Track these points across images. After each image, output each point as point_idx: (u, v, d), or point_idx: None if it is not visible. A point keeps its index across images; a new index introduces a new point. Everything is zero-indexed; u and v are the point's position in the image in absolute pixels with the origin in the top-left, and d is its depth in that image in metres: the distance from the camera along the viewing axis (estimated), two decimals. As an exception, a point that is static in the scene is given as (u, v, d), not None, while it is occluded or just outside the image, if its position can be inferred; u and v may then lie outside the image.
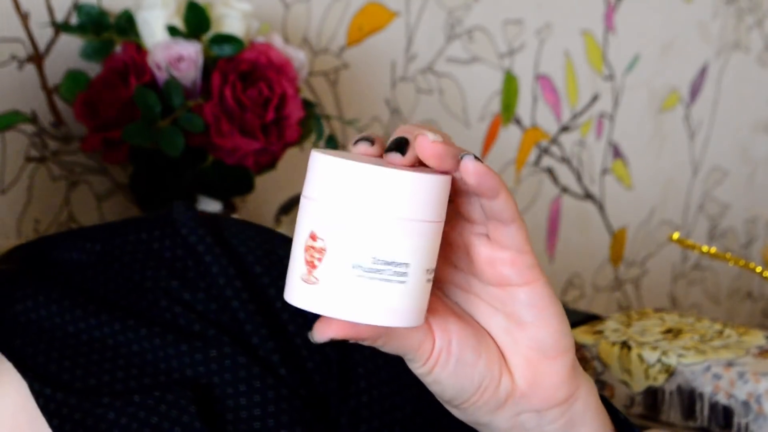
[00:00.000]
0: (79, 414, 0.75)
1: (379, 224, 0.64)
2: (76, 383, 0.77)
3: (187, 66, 1.37)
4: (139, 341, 0.78)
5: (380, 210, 0.64)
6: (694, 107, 2.34)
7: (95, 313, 0.79)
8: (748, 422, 1.20)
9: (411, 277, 0.65)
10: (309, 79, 1.70)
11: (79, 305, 0.80)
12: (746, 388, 1.20)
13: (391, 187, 0.64)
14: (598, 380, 1.29)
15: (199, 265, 0.80)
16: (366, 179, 0.64)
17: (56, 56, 1.45)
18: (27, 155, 1.44)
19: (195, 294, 0.80)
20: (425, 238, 0.65)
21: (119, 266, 0.81)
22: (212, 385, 0.77)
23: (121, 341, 0.79)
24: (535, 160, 2.05)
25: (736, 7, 2.37)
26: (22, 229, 1.45)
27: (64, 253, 0.83)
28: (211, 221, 0.83)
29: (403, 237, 0.64)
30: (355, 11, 1.75)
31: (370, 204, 0.64)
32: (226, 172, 1.42)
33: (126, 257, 0.81)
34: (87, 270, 0.82)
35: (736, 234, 2.51)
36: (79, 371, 0.78)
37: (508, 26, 1.97)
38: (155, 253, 0.81)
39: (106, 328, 0.79)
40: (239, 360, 0.77)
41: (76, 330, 0.79)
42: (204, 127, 1.36)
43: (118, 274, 0.81)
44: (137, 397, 0.76)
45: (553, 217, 2.11)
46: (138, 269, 0.81)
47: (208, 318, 0.79)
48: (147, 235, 0.82)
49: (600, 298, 2.23)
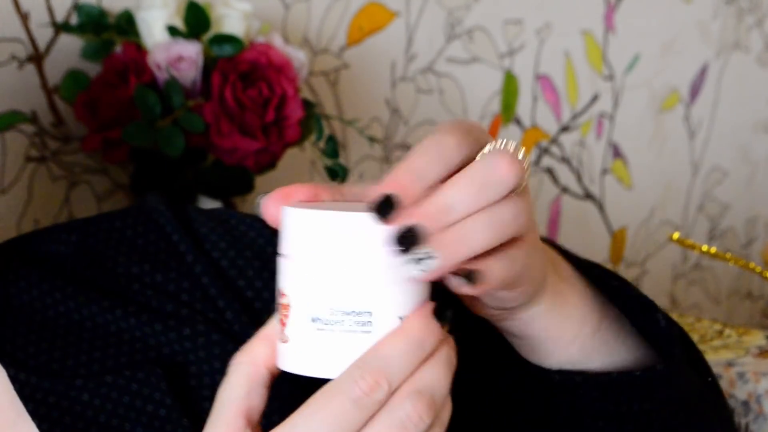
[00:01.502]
0: (53, 397, 0.76)
1: (335, 272, 0.60)
2: (54, 365, 0.78)
3: (187, 66, 1.37)
4: (116, 322, 0.79)
5: (335, 257, 0.60)
6: (694, 107, 2.34)
7: (72, 296, 0.81)
8: (748, 422, 1.20)
9: (377, 325, 0.61)
10: (309, 79, 1.70)
11: (57, 289, 0.81)
12: (746, 388, 1.20)
13: (344, 233, 0.60)
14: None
15: (169, 246, 0.82)
16: (318, 226, 0.60)
17: (56, 56, 1.45)
18: (27, 155, 1.44)
19: (167, 274, 0.81)
20: (391, 283, 0.60)
21: (94, 253, 0.83)
22: (188, 363, 0.78)
23: (99, 322, 0.80)
24: (535, 160, 2.05)
25: (736, 7, 2.37)
26: (22, 229, 1.45)
27: (42, 245, 0.85)
28: (178, 208, 0.85)
29: (361, 284, 0.60)
30: (355, 11, 1.75)
31: (324, 252, 0.60)
32: (226, 172, 1.42)
33: (100, 245, 0.83)
34: (65, 260, 0.83)
35: (736, 234, 2.51)
36: (57, 353, 0.79)
37: (508, 26, 1.97)
38: (128, 240, 0.83)
39: (84, 309, 0.80)
40: (213, 337, 0.78)
41: (56, 313, 0.80)
42: (204, 127, 1.36)
43: (93, 261, 0.83)
44: (109, 378, 0.76)
45: (553, 217, 2.11)
46: (111, 255, 0.82)
47: (180, 298, 0.80)
48: (120, 223, 0.84)
49: (600, 298, 2.23)
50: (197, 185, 1.44)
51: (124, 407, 0.76)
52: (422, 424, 0.62)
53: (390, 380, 0.62)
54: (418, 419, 0.62)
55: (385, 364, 0.62)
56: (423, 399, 0.62)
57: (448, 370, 0.64)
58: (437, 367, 0.63)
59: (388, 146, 1.83)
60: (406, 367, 0.62)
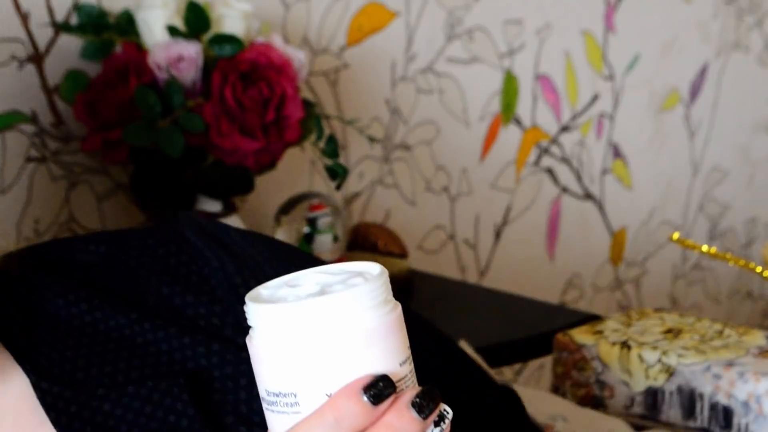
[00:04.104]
0: (74, 406, 0.76)
1: (264, 357, 0.62)
2: (78, 374, 0.78)
3: (187, 66, 1.37)
4: (143, 334, 0.79)
5: (263, 342, 0.62)
6: (694, 107, 2.34)
7: (99, 307, 0.80)
8: (748, 422, 1.20)
9: (304, 405, 0.61)
10: (309, 79, 1.70)
11: (82, 299, 0.81)
12: (746, 388, 1.20)
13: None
14: (598, 380, 1.29)
15: (202, 269, 0.81)
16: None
17: (56, 56, 1.45)
18: (27, 155, 1.44)
19: (199, 297, 0.80)
20: (315, 363, 0.61)
21: (124, 268, 0.82)
22: (213, 378, 0.78)
23: (125, 334, 0.79)
24: (535, 160, 2.05)
25: (736, 7, 2.37)
26: (22, 229, 1.45)
27: (70, 254, 0.84)
28: (213, 227, 0.84)
29: (284, 366, 0.61)
30: (355, 11, 1.75)
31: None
32: (226, 172, 1.42)
33: (132, 261, 0.82)
34: (92, 269, 0.83)
35: (736, 234, 2.51)
36: (81, 361, 0.79)
37: (508, 26, 1.97)
38: (160, 259, 0.82)
39: (111, 321, 0.80)
40: (242, 355, 0.78)
41: (81, 323, 0.80)
42: (204, 127, 1.36)
43: (123, 276, 0.82)
44: (131, 388, 0.76)
45: (553, 217, 2.11)
46: (143, 274, 0.81)
47: (211, 321, 0.80)
48: (153, 241, 0.83)
49: (600, 298, 2.23)
50: (197, 185, 1.44)
51: (145, 417, 0.76)
52: None
53: None
54: None
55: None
56: None
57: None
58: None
59: (388, 146, 1.83)
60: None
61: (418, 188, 1.88)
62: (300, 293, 0.63)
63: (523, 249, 2.07)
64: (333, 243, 1.54)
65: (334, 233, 1.54)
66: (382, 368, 0.61)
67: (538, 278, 2.09)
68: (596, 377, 1.30)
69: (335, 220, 1.54)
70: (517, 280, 2.04)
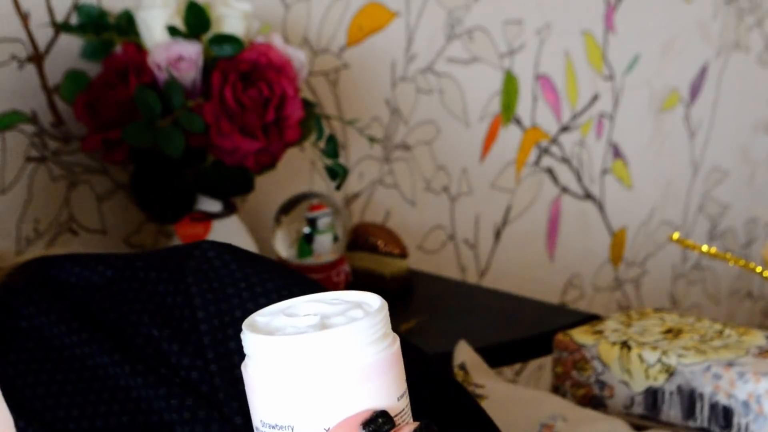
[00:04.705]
0: None
1: (261, 387, 0.62)
2: (59, 411, 0.78)
3: (187, 66, 1.37)
4: (125, 377, 0.79)
5: (261, 373, 0.62)
6: (694, 107, 2.34)
7: (88, 342, 0.80)
8: (748, 422, 1.20)
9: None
10: (309, 79, 1.70)
11: (74, 332, 0.81)
12: (746, 388, 1.20)
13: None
14: (598, 380, 1.30)
15: (192, 317, 0.81)
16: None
17: (56, 56, 1.45)
18: (27, 155, 1.44)
19: (183, 347, 0.80)
20: (314, 397, 0.61)
21: (122, 300, 0.82)
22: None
23: (109, 374, 0.80)
24: (535, 160, 2.05)
25: (736, 7, 2.37)
26: (22, 229, 1.45)
27: (78, 270, 0.84)
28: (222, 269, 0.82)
29: (282, 399, 0.61)
30: (355, 11, 1.75)
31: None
32: (226, 172, 1.42)
33: (131, 293, 0.82)
34: (94, 292, 0.83)
35: (736, 234, 2.51)
36: (65, 399, 0.79)
37: (508, 26, 1.97)
38: (158, 297, 0.82)
39: (98, 358, 0.80)
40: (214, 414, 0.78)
41: (71, 355, 0.81)
42: (204, 127, 1.36)
43: (119, 308, 0.82)
44: None
45: (553, 217, 2.11)
46: (137, 309, 0.81)
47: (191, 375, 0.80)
48: (156, 275, 0.83)
49: (600, 298, 2.23)
50: (197, 185, 1.44)
51: None
52: None
53: None
54: None
55: None
56: None
57: None
58: None
59: (388, 146, 1.83)
60: None
61: (418, 188, 1.89)
62: (298, 324, 0.63)
63: (523, 249, 2.07)
64: (333, 243, 1.54)
65: (334, 233, 1.54)
66: (380, 403, 0.61)
67: (538, 278, 2.09)
68: (596, 377, 1.30)
69: (335, 220, 1.54)
70: (517, 280, 2.04)
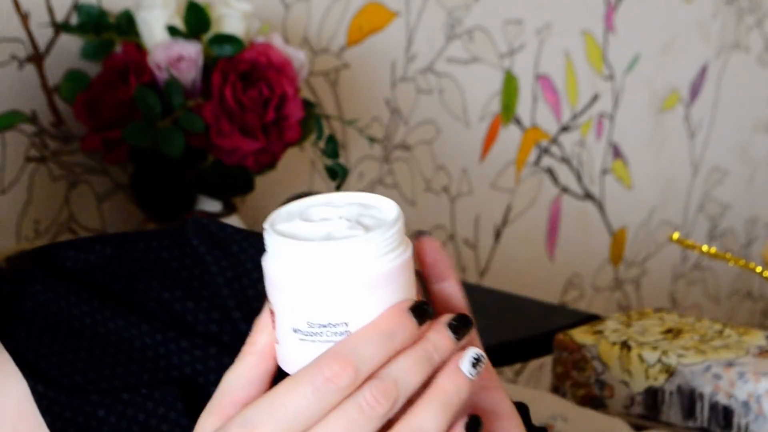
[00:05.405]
0: (69, 412, 0.76)
1: (309, 290, 0.63)
2: (76, 377, 0.78)
3: (187, 66, 1.37)
4: (141, 337, 0.79)
5: (309, 277, 0.63)
6: (694, 107, 2.34)
7: (99, 309, 0.80)
8: (748, 422, 1.20)
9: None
10: (309, 79, 1.70)
11: (83, 301, 0.81)
12: (746, 388, 1.20)
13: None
14: (598, 380, 1.30)
15: (204, 274, 0.81)
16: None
17: (56, 56, 1.45)
18: (27, 155, 1.44)
19: (199, 303, 0.80)
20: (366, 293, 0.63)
21: (127, 271, 0.82)
22: (209, 383, 0.78)
23: (124, 337, 0.80)
24: (535, 160, 2.05)
25: (736, 7, 2.37)
26: (22, 229, 1.45)
27: (74, 253, 0.84)
28: (220, 231, 0.84)
29: (335, 299, 0.62)
30: (355, 11, 1.75)
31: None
32: (226, 172, 1.42)
33: (135, 264, 0.82)
34: (96, 270, 0.83)
35: (736, 234, 2.51)
36: (80, 365, 0.79)
37: (508, 26, 1.97)
38: (163, 262, 0.82)
39: (110, 323, 0.80)
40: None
41: (81, 325, 0.80)
42: (204, 127, 1.36)
43: (125, 278, 0.82)
44: (125, 395, 0.76)
45: (553, 217, 2.11)
46: (144, 277, 0.82)
47: (209, 328, 0.80)
48: (157, 243, 0.83)
49: (600, 298, 2.23)
50: (197, 185, 1.44)
51: (138, 425, 0.76)
52: (377, 409, 0.62)
53: (357, 368, 0.62)
54: (374, 403, 0.62)
55: (352, 352, 0.62)
56: (382, 385, 0.62)
57: (421, 366, 0.63)
58: (408, 360, 0.63)
59: (388, 146, 1.83)
60: (374, 356, 0.62)
61: (418, 188, 1.88)
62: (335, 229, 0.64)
63: (523, 249, 2.07)
64: (333, 243, 1.54)
65: (334, 233, 1.54)
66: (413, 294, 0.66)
67: (538, 278, 2.09)
68: (596, 377, 1.30)
69: (335, 220, 1.54)
70: (517, 280, 2.04)
